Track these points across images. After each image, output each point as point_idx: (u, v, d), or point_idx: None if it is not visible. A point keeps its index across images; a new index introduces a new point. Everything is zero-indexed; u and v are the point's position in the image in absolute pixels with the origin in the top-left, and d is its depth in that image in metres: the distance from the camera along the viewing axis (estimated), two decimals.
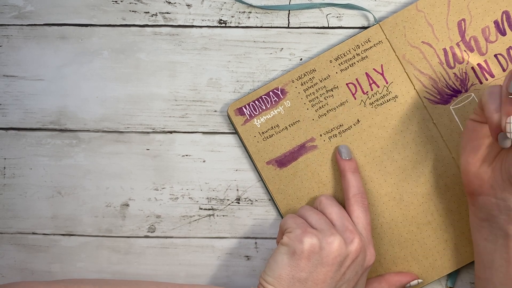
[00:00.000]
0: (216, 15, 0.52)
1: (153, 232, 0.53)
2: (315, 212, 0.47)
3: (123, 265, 0.53)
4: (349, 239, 0.44)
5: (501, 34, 0.49)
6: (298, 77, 0.51)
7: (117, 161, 0.53)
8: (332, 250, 0.43)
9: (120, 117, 0.53)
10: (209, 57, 0.52)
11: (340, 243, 0.43)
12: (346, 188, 0.49)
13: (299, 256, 0.43)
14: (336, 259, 0.43)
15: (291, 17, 0.52)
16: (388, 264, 0.50)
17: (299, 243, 0.43)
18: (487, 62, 0.49)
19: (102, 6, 0.53)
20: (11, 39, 0.53)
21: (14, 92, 0.53)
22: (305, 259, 0.43)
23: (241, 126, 0.51)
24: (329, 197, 0.49)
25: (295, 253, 0.43)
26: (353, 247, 0.44)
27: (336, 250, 0.43)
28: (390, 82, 0.50)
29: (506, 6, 0.49)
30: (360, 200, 0.48)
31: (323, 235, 0.44)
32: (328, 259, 0.43)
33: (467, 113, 0.49)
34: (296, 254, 0.43)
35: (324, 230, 0.44)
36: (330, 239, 0.43)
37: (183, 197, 0.53)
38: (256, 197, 0.53)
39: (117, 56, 0.53)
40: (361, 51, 0.50)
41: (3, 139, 0.54)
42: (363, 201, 0.48)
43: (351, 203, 0.48)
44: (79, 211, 0.53)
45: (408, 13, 0.50)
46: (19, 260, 0.54)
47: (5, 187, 0.54)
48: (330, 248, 0.43)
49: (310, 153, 0.51)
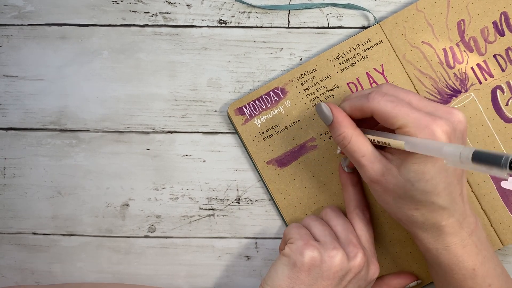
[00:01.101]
0: (216, 15, 0.52)
1: (153, 232, 0.53)
2: (320, 223, 0.46)
3: (123, 265, 0.53)
4: (352, 253, 0.44)
5: (500, 34, 0.50)
6: (298, 77, 0.51)
7: (117, 161, 0.53)
8: (334, 265, 0.42)
9: (120, 117, 0.53)
10: (209, 57, 0.52)
11: (342, 257, 0.43)
12: (348, 201, 0.48)
13: (299, 269, 0.43)
14: (337, 274, 0.43)
15: (291, 17, 0.52)
16: (388, 264, 0.50)
17: (300, 255, 0.43)
18: (486, 63, 0.50)
19: (102, 6, 0.53)
20: (11, 39, 0.53)
21: (14, 92, 0.53)
22: (305, 272, 0.43)
23: (241, 126, 0.51)
24: (335, 208, 0.48)
25: (295, 265, 0.43)
26: (356, 262, 0.43)
27: (337, 264, 0.42)
28: (390, 81, 0.50)
29: (505, 7, 0.49)
30: (362, 213, 0.48)
31: (325, 249, 0.43)
32: (329, 273, 0.43)
33: (467, 113, 0.49)
34: (297, 266, 0.43)
35: (326, 243, 0.44)
36: (332, 253, 0.43)
37: (183, 197, 0.53)
38: (256, 197, 0.53)
39: (117, 56, 0.53)
40: (361, 50, 0.50)
41: (3, 139, 0.53)
42: (365, 214, 0.48)
43: (353, 217, 0.47)
44: (79, 211, 0.53)
45: (408, 13, 0.50)
46: (19, 260, 0.54)
47: (5, 187, 0.54)
48: (332, 262, 0.43)
49: (310, 153, 0.51)
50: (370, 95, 0.41)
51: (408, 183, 0.40)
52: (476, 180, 0.49)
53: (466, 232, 0.42)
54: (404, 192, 0.41)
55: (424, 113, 0.39)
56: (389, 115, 0.40)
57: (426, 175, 0.39)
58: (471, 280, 0.43)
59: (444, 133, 0.38)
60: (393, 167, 0.41)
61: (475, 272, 0.42)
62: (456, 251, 0.42)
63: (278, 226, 0.53)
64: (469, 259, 0.42)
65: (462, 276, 0.43)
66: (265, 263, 0.53)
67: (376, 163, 0.42)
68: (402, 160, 0.40)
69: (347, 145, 0.43)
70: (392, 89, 0.42)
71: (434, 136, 0.38)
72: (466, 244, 0.42)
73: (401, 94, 0.42)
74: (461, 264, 0.42)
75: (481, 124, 0.49)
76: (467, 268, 0.42)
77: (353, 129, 0.43)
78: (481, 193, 0.49)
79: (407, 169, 0.40)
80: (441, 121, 0.39)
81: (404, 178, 0.40)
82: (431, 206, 0.41)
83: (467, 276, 0.43)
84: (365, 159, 0.42)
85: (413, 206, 0.41)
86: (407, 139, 0.39)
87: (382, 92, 0.42)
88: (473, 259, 0.42)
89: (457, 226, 0.42)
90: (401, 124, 0.39)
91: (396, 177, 0.41)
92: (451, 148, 0.34)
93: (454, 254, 0.42)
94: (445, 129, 0.38)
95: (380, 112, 0.41)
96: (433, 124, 0.38)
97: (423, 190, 0.40)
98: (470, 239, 0.42)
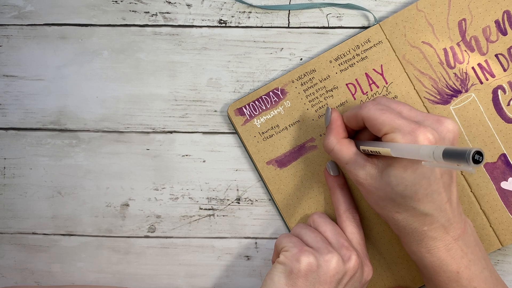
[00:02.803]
0: (216, 15, 0.52)
1: (153, 232, 0.53)
2: (310, 230, 0.47)
3: (123, 265, 0.53)
4: (346, 256, 0.44)
5: (502, 33, 0.49)
6: (298, 77, 0.51)
7: (117, 161, 0.53)
8: (330, 268, 0.42)
9: (120, 117, 0.53)
10: (209, 57, 0.52)
11: (338, 260, 0.43)
12: (336, 205, 0.49)
13: (296, 275, 0.42)
14: (334, 277, 0.43)
15: (291, 17, 0.52)
16: (388, 264, 0.50)
17: (296, 262, 0.43)
18: (488, 62, 0.49)
19: (102, 6, 0.53)
20: (11, 39, 0.53)
21: (14, 92, 0.53)
22: (302, 278, 0.42)
23: (241, 126, 0.51)
24: (321, 214, 0.48)
25: (292, 272, 0.43)
26: (351, 264, 0.44)
27: (334, 268, 0.42)
28: (390, 82, 0.50)
29: (507, 6, 0.49)
30: (352, 216, 0.48)
31: (320, 254, 0.43)
32: (326, 277, 0.42)
33: (467, 113, 0.49)
34: (293, 273, 0.42)
35: (320, 248, 0.44)
36: (327, 257, 0.43)
37: (183, 197, 0.53)
38: (256, 197, 0.53)
39: (117, 56, 0.53)
40: (361, 51, 0.50)
41: (3, 139, 0.54)
42: (354, 216, 0.48)
43: (343, 220, 0.48)
44: (79, 211, 0.53)
45: (408, 13, 0.49)
46: (19, 260, 0.54)
47: (5, 187, 0.54)
48: (328, 266, 0.42)
49: (310, 153, 0.51)
50: (363, 104, 0.44)
51: (388, 186, 0.41)
52: (476, 181, 0.49)
53: (452, 237, 0.43)
54: (385, 194, 0.42)
55: (410, 121, 0.41)
56: (376, 122, 0.41)
57: (405, 181, 0.40)
58: (456, 282, 0.43)
59: (427, 140, 0.39)
60: (376, 172, 0.42)
61: (459, 275, 0.43)
62: (439, 255, 0.43)
63: (278, 226, 0.53)
64: (453, 262, 0.43)
65: (446, 279, 0.43)
66: (265, 263, 0.53)
67: (358, 169, 0.43)
68: (386, 165, 0.42)
69: (330, 152, 0.45)
70: (384, 100, 0.44)
71: (417, 142, 0.39)
72: (451, 248, 0.43)
73: (392, 105, 0.43)
74: (445, 267, 0.43)
75: (481, 124, 0.49)
76: (451, 271, 0.43)
77: (338, 139, 0.45)
78: (481, 194, 0.49)
79: (387, 174, 0.41)
80: (425, 129, 0.40)
81: (384, 182, 0.41)
82: (412, 211, 0.42)
83: (452, 279, 0.43)
84: (348, 166, 0.44)
85: (395, 209, 0.42)
86: (391, 145, 0.40)
87: (375, 101, 0.43)
88: (457, 262, 0.43)
89: (441, 231, 0.42)
90: (386, 130, 0.41)
91: (378, 180, 0.42)
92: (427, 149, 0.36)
93: (438, 258, 0.43)
94: (428, 136, 0.39)
95: (369, 119, 0.42)
96: (417, 131, 0.39)
97: (402, 194, 0.41)
98: (455, 243, 0.43)
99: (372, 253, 0.50)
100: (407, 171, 0.40)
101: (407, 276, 0.50)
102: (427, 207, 0.41)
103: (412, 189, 0.40)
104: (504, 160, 0.49)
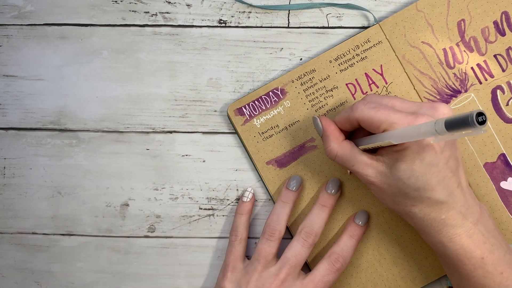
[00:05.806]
0: (216, 15, 0.52)
1: (153, 232, 0.53)
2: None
3: (123, 265, 0.53)
4: None
5: (501, 34, 0.49)
6: (298, 77, 0.51)
7: (117, 161, 0.53)
8: None
9: (120, 117, 0.53)
10: (209, 57, 0.52)
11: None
12: None
13: None
14: None
15: (291, 17, 0.52)
16: (388, 264, 0.50)
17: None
18: (487, 62, 0.50)
19: (102, 6, 0.53)
20: (11, 39, 0.53)
21: (14, 92, 0.53)
22: None
23: (241, 126, 0.51)
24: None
25: None
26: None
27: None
28: (389, 82, 0.50)
29: (506, 7, 0.49)
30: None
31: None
32: None
33: None
34: None
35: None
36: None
37: (183, 197, 0.53)
38: (256, 197, 0.53)
39: (117, 56, 0.53)
40: (360, 51, 0.50)
41: (3, 139, 0.54)
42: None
43: None
44: (79, 211, 0.53)
45: (408, 13, 0.50)
46: (19, 260, 0.54)
47: (5, 187, 0.54)
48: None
49: (310, 153, 0.51)
50: (353, 105, 0.43)
51: (399, 181, 0.41)
52: (476, 181, 0.49)
53: (471, 222, 0.42)
54: (398, 190, 0.42)
55: (406, 113, 0.41)
56: (373, 121, 0.41)
57: (415, 172, 0.40)
58: (481, 269, 0.42)
59: None
60: (385, 169, 0.42)
61: (484, 260, 0.42)
62: (462, 242, 0.42)
63: None
64: (476, 248, 0.42)
65: (472, 267, 0.43)
66: None
67: (367, 169, 0.43)
68: (394, 161, 0.42)
69: (335, 158, 0.45)
70: (375, 97, 0.44)
71: None
72: (472, 234, 0.42)
73: (384, 100, 0.43)
74: (469, 255, 0.42)
75: None
76: (475, 257, 0.42)
77: (339, 143, 0.45)
78: (481, 194, 0.49)
79: (397, 169, 0.41)
80: (423, 117, 0.40)
81: (395, 177, 0.41)
82: (428, 201, 0.41)
83: (477, 266, 0.42)
84: (356, 167, 0.44)
85: (410, 203, 0.42)
86: (391, 134, 0.40)
87: (365, 101, 0.43)
88: (480, 247, 0.42)
89: (460, 218, 0.42)
90: (385, 127, 0.41)
91: (389, 177, 0.42)
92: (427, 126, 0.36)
93: (461, 245, 0.42)
94: None
95: (364, 120, 0.42)
96: (415, 121, 0.40)
97: (414, 186, 0.41)
98: (475, 228, 0.42)
99: (372, 254, 0.50)
100: (415, 162, 0.40)
101: (407, 276, 0.50)
102: (441, 194, 0.41)
103: (424, 179, 0.40)
104: (504, 160, 0.49)
